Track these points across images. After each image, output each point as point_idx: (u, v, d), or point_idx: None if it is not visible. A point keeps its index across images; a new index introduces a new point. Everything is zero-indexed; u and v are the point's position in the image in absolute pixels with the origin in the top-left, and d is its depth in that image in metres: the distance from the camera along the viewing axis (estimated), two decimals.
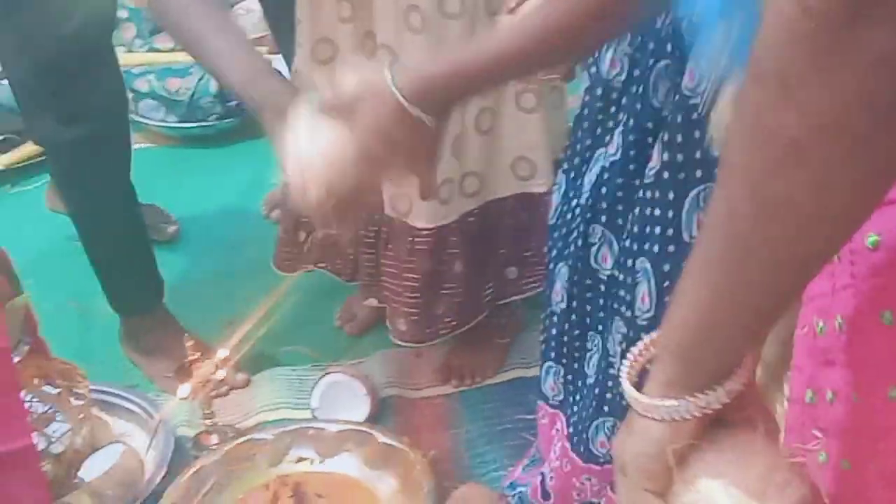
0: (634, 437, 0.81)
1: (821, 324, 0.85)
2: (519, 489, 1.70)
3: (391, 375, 2.21)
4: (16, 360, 1.83)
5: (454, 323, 2.11)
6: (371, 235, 2.13)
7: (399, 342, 2.13)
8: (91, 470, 1.90)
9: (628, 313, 1.33)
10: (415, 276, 2.07)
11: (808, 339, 0.87)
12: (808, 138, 0.62)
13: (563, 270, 1.48)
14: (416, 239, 2.04)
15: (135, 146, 3.15)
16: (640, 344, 0.85)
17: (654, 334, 0.84)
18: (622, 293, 1.34)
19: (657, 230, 1.27)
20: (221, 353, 2.01)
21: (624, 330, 1.35)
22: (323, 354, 2.27)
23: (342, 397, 2.08)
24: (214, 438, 2.03)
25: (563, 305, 1.48)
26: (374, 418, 2.08)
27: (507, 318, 2.23)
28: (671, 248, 1.27)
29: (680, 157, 1.23)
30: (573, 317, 1.47)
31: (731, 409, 0.79)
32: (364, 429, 1.99)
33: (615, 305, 1.36)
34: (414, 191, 1.29)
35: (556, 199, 1.50)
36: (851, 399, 0.82)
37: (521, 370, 2.19)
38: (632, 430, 0.81)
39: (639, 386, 0.82)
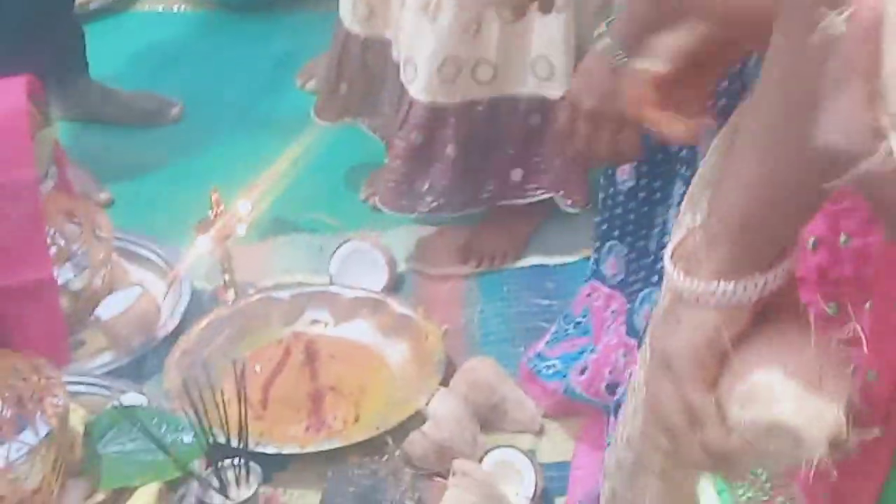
0: (683, 327, 0.77)
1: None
2: (550, 361, 1.72)
3: (410, 250, 2.21)
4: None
5: (435, 204, 2.11)
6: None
7: (379, 205, 2.16)
8: (108, 310, 1.91)
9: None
10: (402, 144, 2.09)
11: None
12: None
13: None
14: (412, 108, 2.05)
15: (173, 8, 3.17)
16: (683, 230, 0.82)
17: (697, 218, 0.81)
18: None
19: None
20: (243, 207, 2.01)
21: None
22: (345, 224, 2.26)
23: (361, 265, 2.09)
24: (231, 294, 2.04)
25: (631, 183, 1.48)
26: (391, 289, 2.08)
27: (533, 204, 2.22)
28: None
29: None
30: (641, 194, 1.47)
31: (778, 295, 0.77)
32: (380, 297, 2.00)
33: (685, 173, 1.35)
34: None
35: None
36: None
37: (542, 257, 2.18)
38: (679, 320, 0.78)
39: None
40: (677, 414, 0.79)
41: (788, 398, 0.74)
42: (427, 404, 1.73)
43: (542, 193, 2.13)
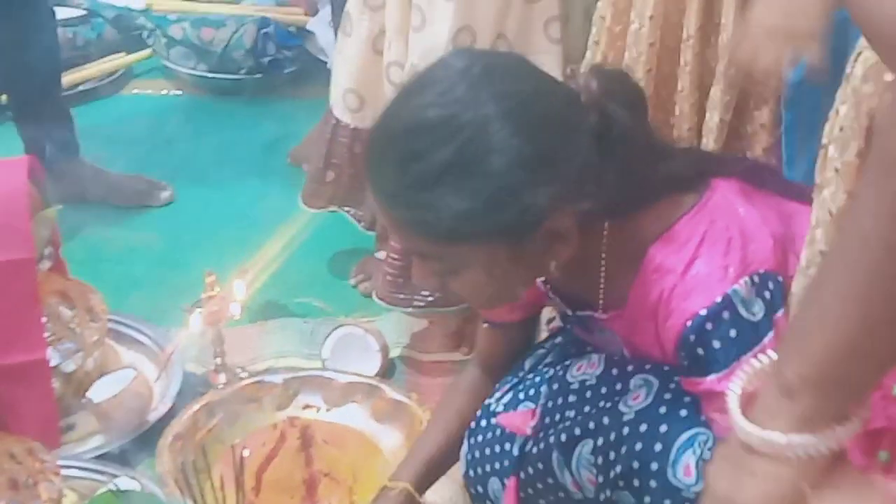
0: (757, 479, 0.75)
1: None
2: None
3: (402, 336, 2.21)
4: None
5: (431, 298, 2.09)
6: None
7: (376, 299, 2.13)
8: (100, 392, 1.89)
9: None
10: None
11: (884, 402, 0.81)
12: None
13: None
14: None
15: (162, 92, 3.20)
16: (744, 372, 0.80)
17: (756, 364, 0.79)
18: None
19: None
20: (238, 288, 2.00)
21: None
22: (336, 309, 2.27)
23: (354, 350, 2.08)
24: (222, 378, 2.03)
25: None
26: (384, 375, 2.08)
27: None
28: None
29: None
30: None
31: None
32: (373, 382, 1.99)
33: None
34: None
35: None
36: None
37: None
38: (752, 471, 0.76)
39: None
40: None
41: None
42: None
43: None
